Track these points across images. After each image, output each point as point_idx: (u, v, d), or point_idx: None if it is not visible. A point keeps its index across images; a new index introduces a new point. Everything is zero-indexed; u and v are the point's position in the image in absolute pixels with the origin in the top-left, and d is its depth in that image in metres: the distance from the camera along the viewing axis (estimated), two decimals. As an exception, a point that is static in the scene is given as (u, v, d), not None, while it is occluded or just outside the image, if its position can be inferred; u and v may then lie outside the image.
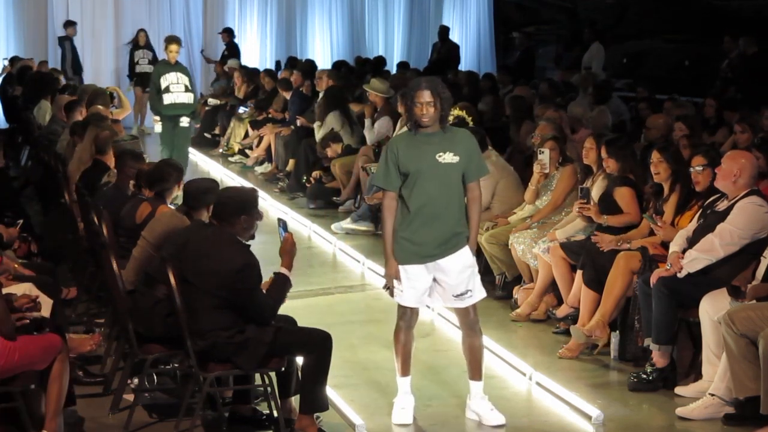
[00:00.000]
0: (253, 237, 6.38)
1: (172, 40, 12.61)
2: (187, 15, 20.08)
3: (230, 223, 5.53)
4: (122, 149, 8.18)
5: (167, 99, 12.04)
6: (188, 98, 12.19)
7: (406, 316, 6.02)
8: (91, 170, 8.23)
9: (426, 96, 5.71)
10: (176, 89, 12.06)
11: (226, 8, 20.39)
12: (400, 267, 5.87)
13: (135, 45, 18.57)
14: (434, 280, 5.93)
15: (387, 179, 5.86)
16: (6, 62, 17.40)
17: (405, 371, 6.09)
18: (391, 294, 5.96)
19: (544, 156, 8.19)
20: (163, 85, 12.05)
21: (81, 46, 19.21)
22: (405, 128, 6.01)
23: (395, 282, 5.89)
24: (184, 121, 12.14)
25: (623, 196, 7.40)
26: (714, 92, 12.51)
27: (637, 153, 7.99)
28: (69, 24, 18.77)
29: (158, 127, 12.21)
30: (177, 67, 12.29)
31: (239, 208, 5.55)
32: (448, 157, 5.80)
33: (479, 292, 5.98)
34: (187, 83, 12.18)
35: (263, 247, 8.72)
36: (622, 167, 7.47)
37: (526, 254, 7.99)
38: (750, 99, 10.95)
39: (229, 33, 19.29)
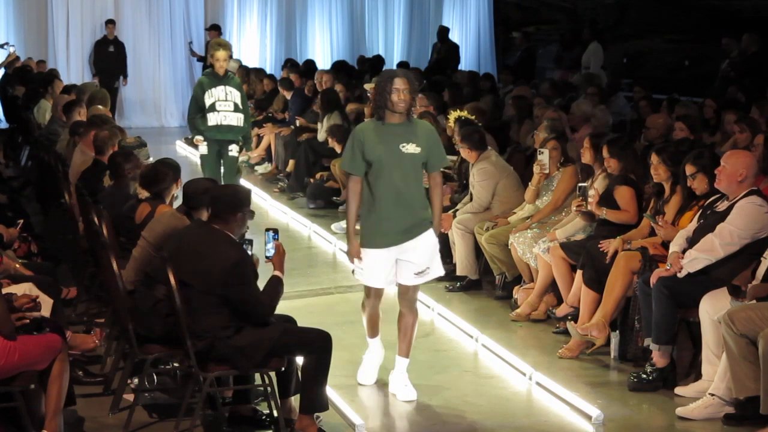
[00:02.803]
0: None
1: (219, 45, 10.04)
2: (187, 15, 20.07)
3: (226, 221, 5.55)
4: (114, 151, 8.17)
5: (212, 119, 9.75)
6: (237, 119, 9.82)
7: (371, 294, 6.37)
8: (91, 170, 8.23)
9: (403, 83, 6.05)
10: (223, 108, 9.78)
11: (225, 8, 20.40)
12: (368, 251, 6.19)
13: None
14: (397, 260, 6.22)
15: (352, 164, 6.16)
16: (12, 48, 17.36)
17: (373, 334, 6.51)
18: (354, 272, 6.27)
19: (544, 156, 8.19)
20: (208, 102, 9.76)
21: (80, 46, 19.22)
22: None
23: (356, 261, 6.23)
24: (233, 150, 9.89)
25: (623, 195, 7.41)
26: (713, 92, 12.50)
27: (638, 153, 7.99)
28: (108, 23, 18.79)
29: (203, 149, 9.88)
30: (226, 79, 9.85)
31: (236, 205, 5.58)
32: (410, 148, 6.11)
33: (437, 270, 6.30)
34: (238, 101, 9.84)
35: (264, 248, 8.69)
36: (623, 167, 7.47)
37: (526, 254, 7.99)
38: (751, 98, 10.94)
39: (218, 30, 19.23)
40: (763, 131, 8.21)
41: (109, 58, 18.58)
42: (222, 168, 9.92)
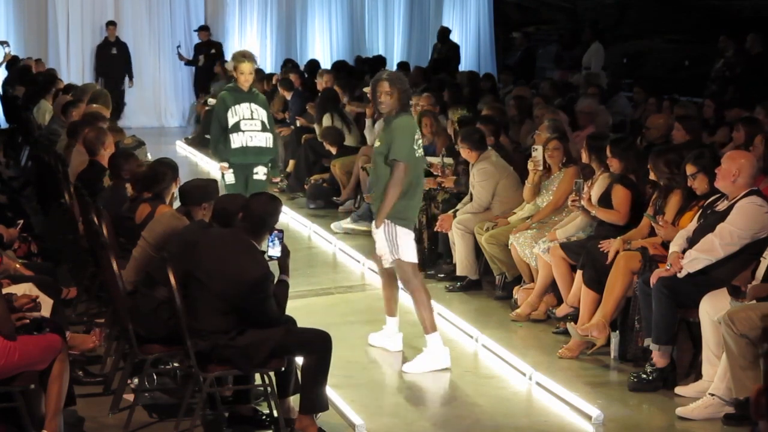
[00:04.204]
0: None
1: (243, 57, 8.67)
2: (187, 15, 20.06)
3: (256, 234, 5.58)
4: (115, 151, 8.15)
5: (236, 140, 8.44)
6: (266, 140, 8.55)
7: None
8: (87, 171, 8.21)
9: (382, 86, 6.74)
10: (249, 127, 8.48)
11: (226, 8, 20.39)
12: None
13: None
14: None
15: None
16: (7, 49, 17.35)
17: (388, 312, 7.18)
18: None
19: (537, 153, 8.19)
20: (231, 121, 8.46)
21: (80, 46, 19.21)
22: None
23: None
24: (260, 173, 8.55)
25: (617, 195, 7.41)
26: (710, 93, 12.52)
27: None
28: (109, 24, 18.71)
29: (229, 177, 8.51)
30: (251, 95, 8.56)
31: (270, 221, 5.63)
32: (376, 143, 6.91)
33: (388, 258, 6.91)
34: (265, 119, 8.58)
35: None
36: (624, 167, 7.47)
37: (525, 253, 7.99)
38: (751, 98, 10.95)
39: (207, 31, 19.29)
40: (764, 131, 8.22)
41: (112, 60, 18.48)
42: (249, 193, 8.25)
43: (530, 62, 18.64)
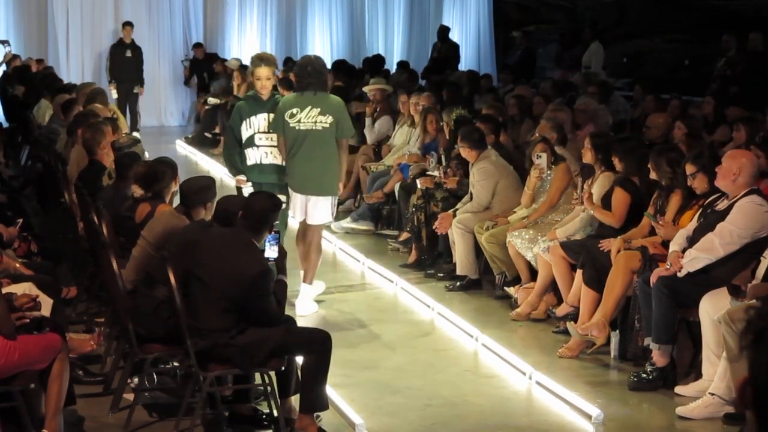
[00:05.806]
0: None
1: (259, 60, 7.84)
2: (187, 15, 20.09)
3: (256, 231, 5.59)
4: (120, 152, 8.15)
5: (251, 156, 7.73)
6: (283, 159, 7.76)
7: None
8: (88, 170, 8.20)
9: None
10: (264, 142, 7.71)
11: (225, 8, 20.40)
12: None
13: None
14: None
15: None
16: (8, 48, 17.34)
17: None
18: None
19: (542, 161, 8.18)
20: (246, 135, 7.72)
21: (80, 46, 19.21)
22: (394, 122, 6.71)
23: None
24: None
25: (615, 197, 7.41)
26: (711, 92, 12.51)
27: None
28: (125, 25, 18.39)
29: (247, 191, 7.61)
30: (271, 104, 7.75)
31: (270, 220, 5.64)
32: None
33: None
34: None
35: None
36: (624, 168, 7.46)
37: (522, 248, 7.98)
38: (753, 97, 10.95)
39: (202, 48, 19.41)
40: (764, 131, 8.21)
41: (126, 63, 18.02)
42: None
43: (530, 61, 18.66)
